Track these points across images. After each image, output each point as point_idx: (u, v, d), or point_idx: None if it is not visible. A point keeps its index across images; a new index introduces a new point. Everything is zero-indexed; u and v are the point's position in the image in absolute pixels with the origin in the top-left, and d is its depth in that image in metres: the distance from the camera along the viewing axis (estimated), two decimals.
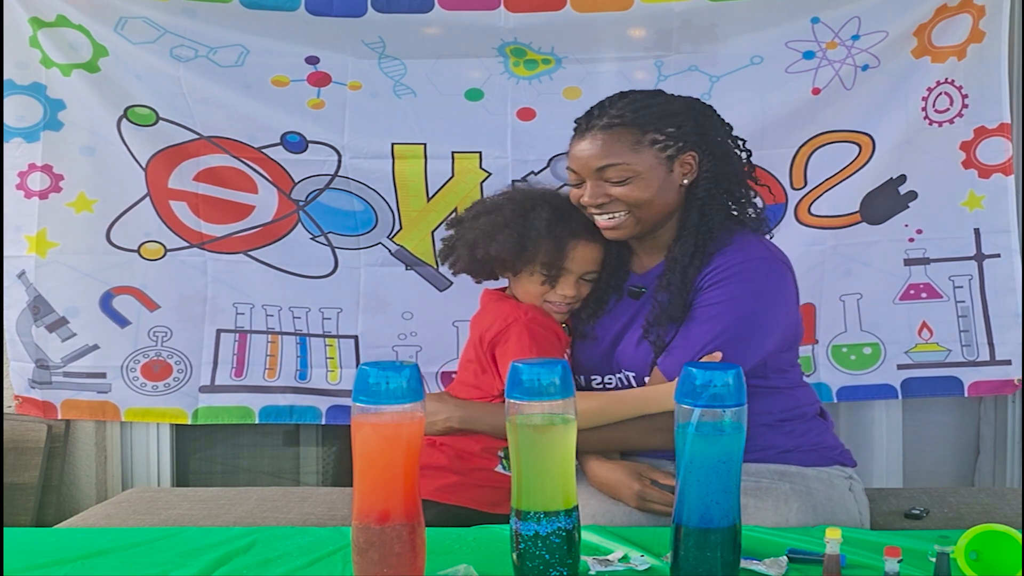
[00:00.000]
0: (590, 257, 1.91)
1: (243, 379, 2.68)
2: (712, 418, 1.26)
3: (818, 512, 1.76)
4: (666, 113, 1.82)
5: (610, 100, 1.86)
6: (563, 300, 1.91)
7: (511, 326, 1.89)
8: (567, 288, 1.91)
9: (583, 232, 1.89)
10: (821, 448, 1.87)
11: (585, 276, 1.93)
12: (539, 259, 1.89)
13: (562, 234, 1.88)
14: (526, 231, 1.89)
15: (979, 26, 2.43)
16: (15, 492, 2.65)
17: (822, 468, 1.84)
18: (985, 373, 2.59)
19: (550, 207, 1.91)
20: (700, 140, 1.82)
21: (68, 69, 2.51)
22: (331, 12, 2.43)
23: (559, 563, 1.28)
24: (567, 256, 1.89)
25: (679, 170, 1.82)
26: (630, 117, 1.80)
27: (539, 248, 1.88)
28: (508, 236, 1.89)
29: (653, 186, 1.80)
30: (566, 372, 1.30)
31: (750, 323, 1.76)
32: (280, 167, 2.57)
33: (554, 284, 1.91)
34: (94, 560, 1.45)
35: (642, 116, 1.81)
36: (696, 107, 1.88)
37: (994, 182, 2.52)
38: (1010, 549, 1.27)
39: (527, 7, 2.42)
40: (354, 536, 1.28)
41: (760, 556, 1.39)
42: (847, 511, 1.81)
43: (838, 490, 1.83)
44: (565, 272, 1.90)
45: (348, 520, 1.31)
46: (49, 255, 2.58)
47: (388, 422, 1.27)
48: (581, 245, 1.90)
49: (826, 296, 2.59)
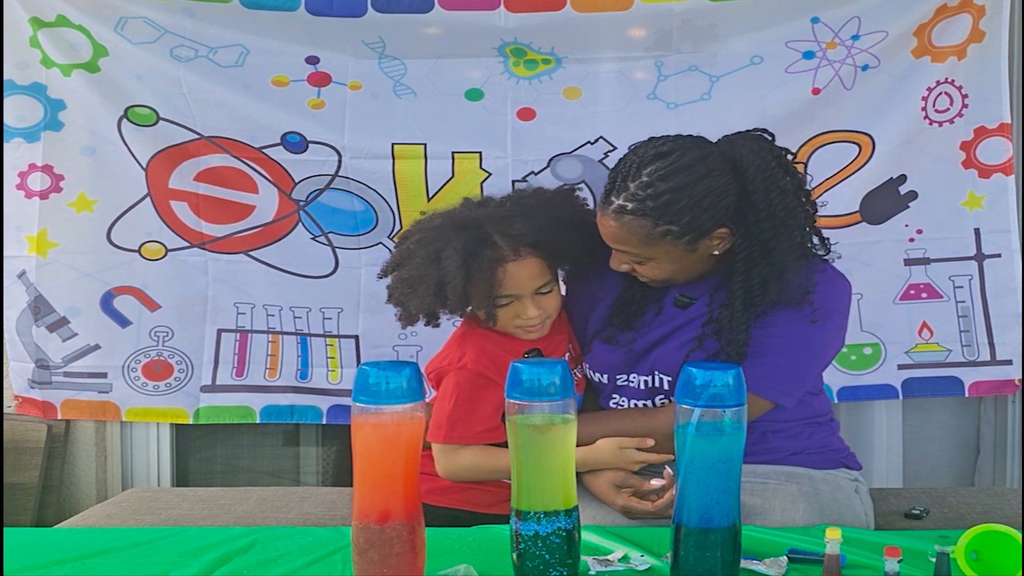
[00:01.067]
0: (526, 274, 1.78)
1: (244, 379, 2.68)
2: (712, 418, 1.26)
3: (824, 513, 1.75)
4: (689, 202, 1.65)
5: (637, 161, 1.69)
6: (528, 323, 1.82)
7: (445, 373, 1.86)
8: (527, 310, 1.80)
9: (507, 255, 1.76)
10: (827, 451, 1.87)
11: (540, 291, 1.81)
12: (472, 301, 1.79)
13: (481, 267, 1.74)
14: (442, 279, 1.75)
15: (979, 26, 2.43)
16: (15, 492, 2.65)
17: (828, 471, 1.84)
18: (985, 373, 2.59)
19: (461, 240, 1.76)
20: (740, 211, 1.69)
21: (68, 69, 2.51)
22: (331, 12, 2.43)
23: (559, 563, 1.28)
24: (500, 285, 1.76)
25: (707, 244, 1.71)
26: (648, 206, 1.66)
27: (463, 292, 1.75)
28: (427, 289, 1.78)
29: (670, 268, 1.73)
30: (566, 372, 1.30)
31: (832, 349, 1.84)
32: (280, 167, 2.57)
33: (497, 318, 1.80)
34: (94, 560, 1.46)
35: (657, 206, 1.65)
36: (736, 169, 1.69)
37: (994, 182, 2.52)
38: (1010, 549, 1.27)
39: (527, 7, 2.42)
40: (354, 536, 1.28)
41: (760, 556, 1.39)
42: (853, 513, 1.81)
43: (844, 492, 1.83)
44: (509, 299, 1.79)
45: (348, 520, 1.31)
46: (50, 255, 2.58)
47: (388, 422, 1.27)
48: (510, 268, 1.76)
49: None
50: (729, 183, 1.68)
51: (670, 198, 1.65)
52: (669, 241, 1.68)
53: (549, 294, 1.83)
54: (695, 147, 1.71)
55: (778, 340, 1.74)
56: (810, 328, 1.74)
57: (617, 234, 1.71)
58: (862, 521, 1.82)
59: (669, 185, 1.66)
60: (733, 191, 1.68)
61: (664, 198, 1.65)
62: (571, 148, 2.50)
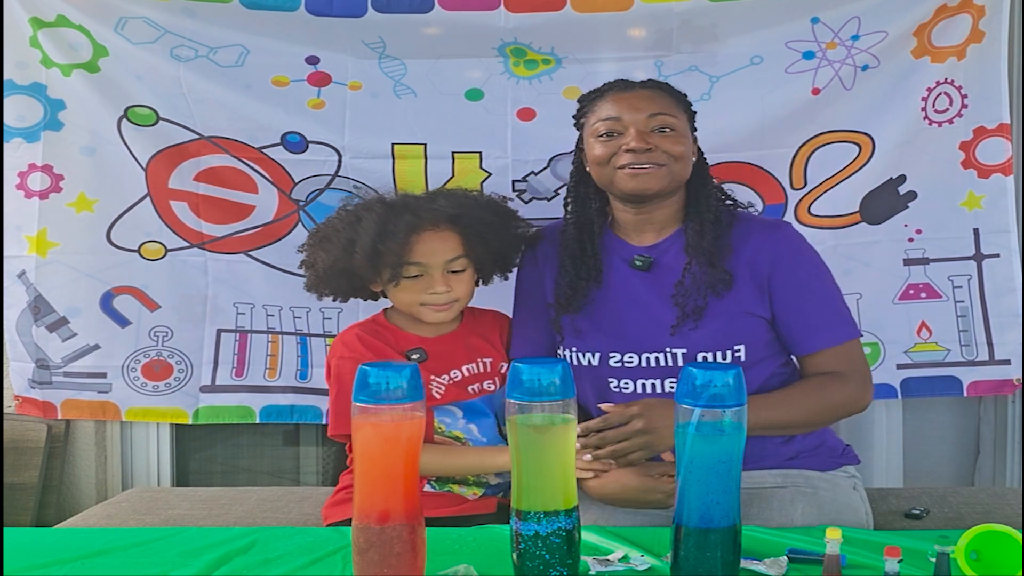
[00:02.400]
0: (441, 247, 1.86)
1: (244, 379, 2.68)
2: (712, 418, 1.26)
3: (824, 512, 1.76)
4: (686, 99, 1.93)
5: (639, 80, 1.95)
6: (436, 300, 1.87)
7: (330, 364, 1.95)
8: (435, 284, 1.86)
9: (425, 223, 1.84)
10: (822, 449, 1.87)
11: (451, 268, 1.88)
12: (384, 261, 1.83)
13: (397, 228, 1.81)
14: (356, 237, 1.83)
15: (979, 26, 2.43)
16: (15, 492, 2.65)
17: (826, 472, 1.84)
18: (984, 373, 2.59)
19: (383, 207, 1.86)
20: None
21: (68, 69, 2.51)
22: (331, 12, 2.43)
23: (559, 563, 1.29)
24: (411, 251, 1.83)
25: (692, 145, 1.89)
26: (667, 87, 1.91)
27: (373, 249, 1.81)
28: (337, 244, 1.84)
29: (686, 146, 1.85)
30: (566, 372, 1.30)
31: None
32: (280, 167, 2.57)
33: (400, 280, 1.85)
34: (94, 560, 1.46)
35: (675, 90, 1.92)
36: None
37: (994, 182, 2.52)
38: (1010, 549, 1.27)
39: (527, 7, 2.42)
40: (354, 536, 1.28)
41: (760, 556, 1.39)
42: (853, 511, 1.81)
43: (843, 490, 1.83)
44: (420, 270, 1.85)
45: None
46: (49, 255, 2.58)
47: (388, 422, 1.27)
48: (425, 236, 1.84)
49: None
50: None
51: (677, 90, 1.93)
52: (687, 117, 1.90)
53: (461, 274, 1.90)
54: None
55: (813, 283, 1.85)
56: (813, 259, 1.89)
57: (656, 99, 1.86)
58: (862, 519, 1.82)
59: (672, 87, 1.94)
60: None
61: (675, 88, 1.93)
62: (571, 148, 2.48)
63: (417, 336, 1.95)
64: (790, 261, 1.83)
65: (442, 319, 1.92)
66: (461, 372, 1.95)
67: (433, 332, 1.96)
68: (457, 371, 1.94)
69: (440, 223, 1.86)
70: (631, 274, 1.88)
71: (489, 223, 1.92)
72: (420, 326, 1.95)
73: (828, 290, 1.87)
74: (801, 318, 1.83)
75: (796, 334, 1.83)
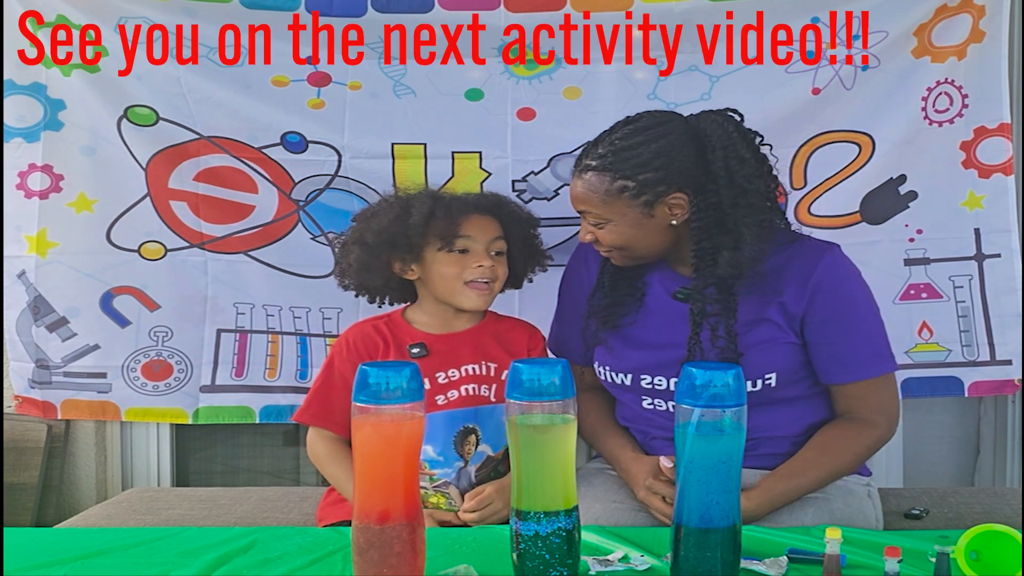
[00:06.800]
0: (488, 226, 1.95)
1: (244, 379, 2.68)
2: (712, 418, 1.26)
3: (835, 518, 1.74)
4: (646, 158, 1.72)
5: (609, 131, 1.81)
6: (481, 275, 1.92)
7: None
8: (480, 259, 1.92)
9: (471, 208, 1.95)
10: None
11: (494, 249, 1.95)
12: (432, 232, 1.91)
13: (450, 207, 1.93)
14: (407, 206, 1.94)
15: (979, 26, 2.43)
16: (15, 492, 2.66)
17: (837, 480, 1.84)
18: (985, 373, 2.59)
19: (431, 195, 1.98)
20: (695, 178, 1.73)
21: (68, 69, 2.51)
22: (331, 12, 2.43)
23: (559, 563, 1.29)
24: (460, 225, 1.92)
25: (664, 211, 1.75)
26: (608, 161, 1.74)
27: (426, 222, 1.90)
28: (387, 216, 1.94)
29: (627, 232, 1.77)
30: (566, 372, 1.30)
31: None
32: (280, 167, 2.57)
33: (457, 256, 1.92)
34: (94, 560, 1.46)
35: (617, 161, 1.74)
36: (698, 138, 1.76)
37: (994, 182, 2.51)
38: (1010, 549, 1.27)
39: (527, 7, 2.42)
40: (354, 536, 1.28)
41: (760, 556, 1.39)
42: (864, 517, 1.80)
43: (856, 496, 1.82)
44: (467, 240, 1.92)
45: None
46: (49, 255, 2.58)
47: (388, 422, 1.27)
48: (473, 217, 1.94)
49: None
50: (688, 148, 1.74)
51: (628, 154, 1.73)
52: (626, 200, 1.73)
53: (500, 257, 1.97)
54: (661, 115, 1.83)
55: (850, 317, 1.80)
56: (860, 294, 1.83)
57: (579, 193, 1.79)
58: (872, 524, 1.81)
59: (629, 143, 1.75)
60: (691, 155, 1.74)
61: (623, 154, 1.74)
62: (571, 148, 2.49)
63: (423, 333, 1.98)
64: (829, 291, 1.77)
65: (477, 305, 1.96)
66: (460, 372, 1.95)
67: (444, 330, 1.98)
68: (456, 371, 1.94)
69: (484, 209, 1.97)
70: (671, 304, 1.85)
71: (520, 219, 2.03)
72: (433, 325, 1.98)
73: (864, 322, 1.82)
74: (832, 350, 1.79)
75: (826, 365, 1.81)
